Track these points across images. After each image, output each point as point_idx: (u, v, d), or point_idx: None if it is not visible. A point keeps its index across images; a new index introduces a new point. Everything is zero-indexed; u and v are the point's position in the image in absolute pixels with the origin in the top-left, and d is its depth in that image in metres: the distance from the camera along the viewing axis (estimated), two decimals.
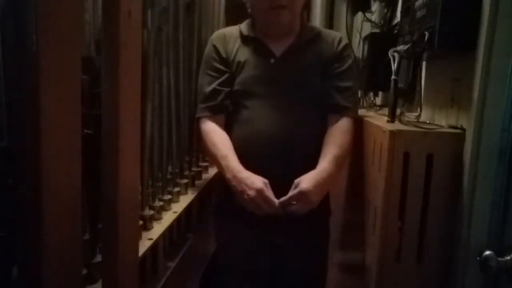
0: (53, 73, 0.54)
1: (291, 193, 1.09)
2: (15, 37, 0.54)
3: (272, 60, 1.23)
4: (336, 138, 1.19)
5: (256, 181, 1.08)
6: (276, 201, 1.08)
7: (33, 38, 0.51)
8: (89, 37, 0.83)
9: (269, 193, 1.08)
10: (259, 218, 1.20)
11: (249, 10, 1.31)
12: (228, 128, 1.23)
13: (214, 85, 1.23)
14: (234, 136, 1.21)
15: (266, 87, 1.21)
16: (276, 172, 1.12)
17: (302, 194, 1.08)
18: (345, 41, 1.29)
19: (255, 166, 1.13)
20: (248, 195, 1.08)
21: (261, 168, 1.12)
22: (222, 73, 1.24)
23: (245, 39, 1.26)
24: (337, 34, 1.32)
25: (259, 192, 1.07)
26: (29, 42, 0.51)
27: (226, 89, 1.23)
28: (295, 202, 1.09)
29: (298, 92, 1.22)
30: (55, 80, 0.54)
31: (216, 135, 1.20)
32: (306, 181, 1.09)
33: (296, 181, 1.10)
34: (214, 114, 1.23)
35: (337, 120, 1.21)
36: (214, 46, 1.26)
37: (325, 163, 1.14)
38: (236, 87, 1.23)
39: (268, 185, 1.10)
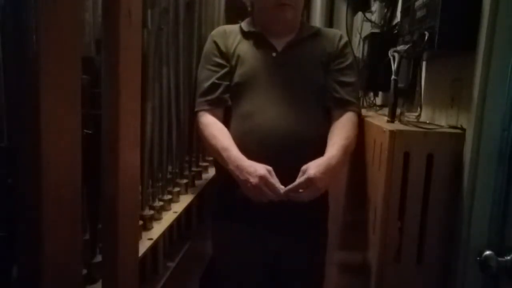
0: (53, 73, 0.54)
1: (298, 180, 1.07)
2: (15, 37, 0.54)
3: (274, 53, 1.24)
4: (343, 129, 1.19)
5: (258, 169, 1.08)
6: (281, 187, 1.07)
7: (33, 38, 0.51)
8: (89, 37, 0.82)
9: (273, 180, 1.07)
10: (258, 218, 1.20)
11: (249, 9, 1.31)
12: (227, 122, 1.23)
13: (213, 79, 1.23)
14: (233, 130, 1.21)
15: (267, 80, 1.21)
16: (276, 166, 1.11)
17: (310, 181, 1.07)
18: (345, 39, 1.30)
19: (255, 160, 1.12)
20: (251, 183, 1.07)
21: (261, 162, 1.12)
22: (221, 67, 1.24)
23: (246, 34, 1.27)
24: (337, 32, 1.33)
25: (262, 178, 1.06)
26: (29, 42, 0.51)
27: (225, 83, 1.23)
28: (301, 190, 1.08)
29: (299, 86, 1.22)
30: (55, 80, 0.54)
31: (215, 127, 1.20)
32: (313, 167, 1.08)
33: (304, 167, 1.09)
34: (213, 107, 1.23)
35: (341, 114, 1.22)
36: (214, 42, 1.27)
37: (333, 151, 1.14)
38: (236, 80, 1.23)
39: (272, 172, 1.08)
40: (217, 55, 1.25)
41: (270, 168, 1.09)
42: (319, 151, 1.16)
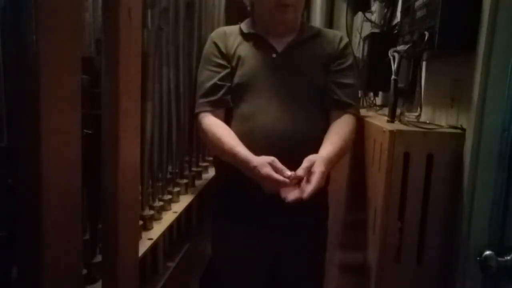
0: (53, 73, 0.54)
1: (314, 182, 1.03)
2: (15, 37, 0.54)
3: (274, 55, 1.24)
4: (339, 131, 1.18)
5: (260, 169, 1.05)
6: (288, 174, 1.04)
7: (33, 38, 0.51)
8: (89, 37, 0.83)
9: (276, 175, 1.04)
10: (258, 218, 1.20)
11: (249, 9, 1.31)
12: (228, 123, 1.22)
13: (214, 80, 1.22)
14: (233, 131, 1.20)
15: (267, 81, 1.21)
16: None
17: (323, 176, 1.05)
18: (346, 40, 1.30)
19: None
20: (260, 182, 1.07)
21: None
22: (222, 68, 1.24)
23: (245, 36, 1.27)
24: (338, 33, 1.33)
25: (266, 178, 1.04)
26: (29, 42, 0.51)
27: (227, 84, 1.23)
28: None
29: (299, 87, 1.22)
30: (55, 80, 0.54)
31: (219, 128, 1.19)
32: (321, 163, 1.06)
33: (310, 160, 1.06)
34: (215, 109, 1.22)
35: (339, 116, 1.21)
36: (214, 43, 1.26)
37: (330, 148, 1.13)
38: (236, 81, 1.23)
39: (275, 162, 1.06)
40: (217, 56, 1.25)
41: (271, 159, 1.06)
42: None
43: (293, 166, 1.09)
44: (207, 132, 1.20)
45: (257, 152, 1.12)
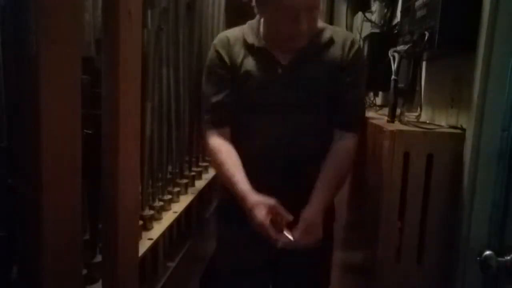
0: (53, 73, 0.54)
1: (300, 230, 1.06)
2: (15, 37, 0.54)
3: (280, 70, 1.17)
4: (334, 167, 1.15)
5: (257, 214, 1.05)
6: (283, 236, 1.05)
7: (33, 39, 0.51)
8: (89, 37, 0.83)
9: (271, 231, 1.04)
10: None
11: (255, 11, 1.28)
12: (235, 140, 1.20)
13: (219, 98, 1.19)
14: (241, 149, 1.17)
15: (274, 98, 1.17)
16: (283, 185, 1.10)
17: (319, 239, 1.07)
18: (356, 45, 1.20)
19: (263, 180, 1.10)
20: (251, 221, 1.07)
21: (269, 181, 1.10)
22: (226, 82, 1.20)
23: (250, 48, 1.22)
24: (349, 36, 1.23)
25: (260, 227, 1.05)
26: (29, 42, 0.51)
27: (231, 101, 1.19)
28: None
29: (307, 102, 1.18)
30: (55, 80, 0.54)
31: (221, 153, 1.17)
32: (319, 225, 1.08)
33: (305, 223, 1.07)
34: (219, 128, 1.20)
35: (341, 137, 1.17)
36: (218, 52, 1.21)
37: (319, 200, 1.11)
38: (242, 98, 1.20)
39: (276, 207, 1.05)
40: (221, 68, 1.20)
41: (272, 204, 1.05)
42: None
43: (301, 185, 1.08)
44: (211, 154, 1.21)
45: (262, 171, 1.11)
